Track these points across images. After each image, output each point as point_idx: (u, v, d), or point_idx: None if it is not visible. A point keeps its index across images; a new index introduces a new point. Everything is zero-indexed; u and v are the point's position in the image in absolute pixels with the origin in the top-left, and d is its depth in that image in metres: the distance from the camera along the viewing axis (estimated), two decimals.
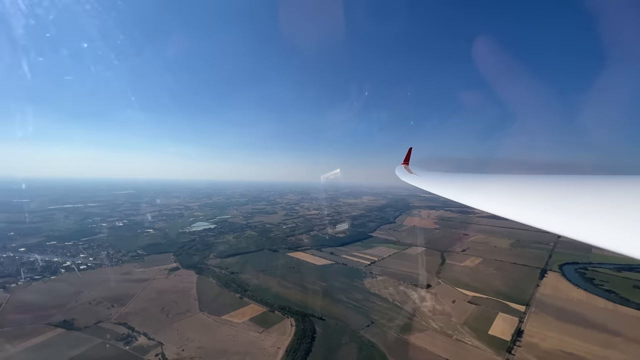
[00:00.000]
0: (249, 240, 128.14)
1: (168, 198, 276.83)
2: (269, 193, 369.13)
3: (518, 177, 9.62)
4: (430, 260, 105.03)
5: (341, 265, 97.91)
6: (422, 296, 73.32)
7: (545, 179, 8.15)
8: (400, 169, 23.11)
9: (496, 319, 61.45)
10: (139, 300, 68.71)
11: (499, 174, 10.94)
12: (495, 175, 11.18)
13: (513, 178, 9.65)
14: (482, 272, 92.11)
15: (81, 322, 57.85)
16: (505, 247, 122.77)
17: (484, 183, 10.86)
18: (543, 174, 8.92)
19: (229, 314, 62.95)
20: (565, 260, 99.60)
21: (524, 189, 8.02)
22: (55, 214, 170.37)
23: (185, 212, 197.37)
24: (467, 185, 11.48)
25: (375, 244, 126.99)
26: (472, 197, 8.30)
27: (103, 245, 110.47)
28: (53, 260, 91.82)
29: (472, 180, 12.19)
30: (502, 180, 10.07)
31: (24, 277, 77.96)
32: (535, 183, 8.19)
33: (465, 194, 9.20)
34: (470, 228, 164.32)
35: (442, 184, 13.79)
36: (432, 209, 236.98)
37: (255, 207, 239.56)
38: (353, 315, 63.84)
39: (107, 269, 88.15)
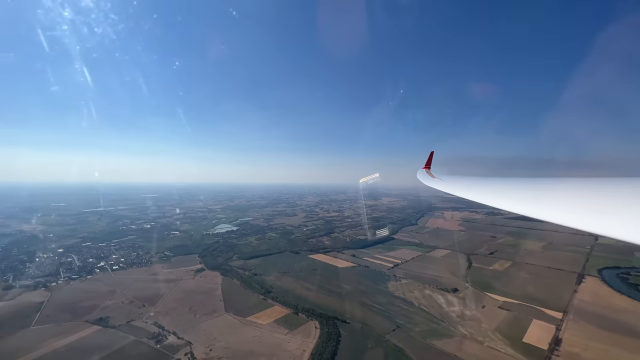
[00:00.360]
0: (271, 242, 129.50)
1: (192, 201, 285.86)
2: (288, 195, 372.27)
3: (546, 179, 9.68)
4: (456, 263, 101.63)
5: (363, 267, 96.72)
6: (449, 300, 70.92)
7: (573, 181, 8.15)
8: (422, 173, 23.10)
9: (531, 326, 58.29)
10: (167, 300, 71.00)
11: (525, 177, 10.97)
12: (521, 178, 11.20)
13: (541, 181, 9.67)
14: (512, 276, 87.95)
15: (115, 320, 60.48)
16: (536, 250, 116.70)
17: (511, 185, 10.74)
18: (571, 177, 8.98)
19: (254, 315, 63.66)
20: (605, 264, 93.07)
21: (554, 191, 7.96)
22: (89, 216, 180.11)
23: (208, 215, 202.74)
24: (494, 188, 11.29)
25: (397, 247, 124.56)
26: (500, 199, 8.14)
27: (133, 247, 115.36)
28: (88, 261, 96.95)
29: (497, 183, 12.03)
30: (528, 183, 9.97)
31: (62, 277, 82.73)
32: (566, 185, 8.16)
33: (492, 197, 9.04)
34: (497, 230, 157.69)
35: (467, 187, 13.73)
36: (456, 210, 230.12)
37: (275, 209, 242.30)
38: (378, 318, 62.73)
39: (137, 270, 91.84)
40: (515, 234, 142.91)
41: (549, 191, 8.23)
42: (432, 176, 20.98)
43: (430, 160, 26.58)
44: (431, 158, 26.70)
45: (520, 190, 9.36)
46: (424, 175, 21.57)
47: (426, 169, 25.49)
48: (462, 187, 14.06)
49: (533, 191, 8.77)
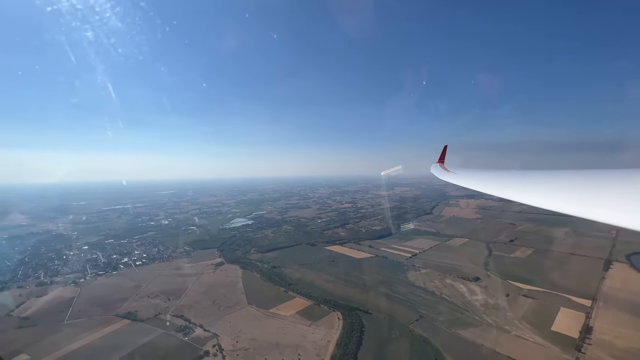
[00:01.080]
0: (287, 234, 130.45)
1: (206, 196, 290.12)
2: (300, 188, 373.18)
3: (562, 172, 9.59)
4: (475, 251, 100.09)
5: (381, 258, 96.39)
6: (472, 289, 69.98)
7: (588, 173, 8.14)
8: (436, 167, 22.99)
9: (559, 314, 56.97)
10: (191, 293, 72.64)
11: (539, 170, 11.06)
12: (536, 170, 11.25)
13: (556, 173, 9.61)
14: (535, 264, 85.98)
15: (143, 314, 62.35)
16: (559, 237, 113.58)
17: (525, 178, 10.77)
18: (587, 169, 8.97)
19: (277, 307, 64.47)
20: (633, 249, 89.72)
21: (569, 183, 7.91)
22: (109, 214, 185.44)
23: (223, 209, 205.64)
24: (507, 180, 11.32)
25: (414, 236, 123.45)
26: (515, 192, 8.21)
27: (154, 243, 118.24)
28: (112, 257, 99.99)
29: (511, 175, 12.05)
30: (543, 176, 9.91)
31: (90, 273, 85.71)
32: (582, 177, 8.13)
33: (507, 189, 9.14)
34: (515, 217, 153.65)
35: (482, 180, 13.71)
36: (471, 198, 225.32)
37: (288, 202, 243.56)
38: (400, 309, 62.55)
39: (159, 265, 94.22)
40: (535, 220, 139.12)
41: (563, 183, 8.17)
42: (447, 170, 20.86)
43: (444, 154, 26.32)
44: (445, 152, 26.41)
45: (535, 183, 9.26)
46: (438, 170, 21.45)
47: (440, 163, 25.32)
48: (476, 180, 14.07)
49: (548, 183, 8.68)
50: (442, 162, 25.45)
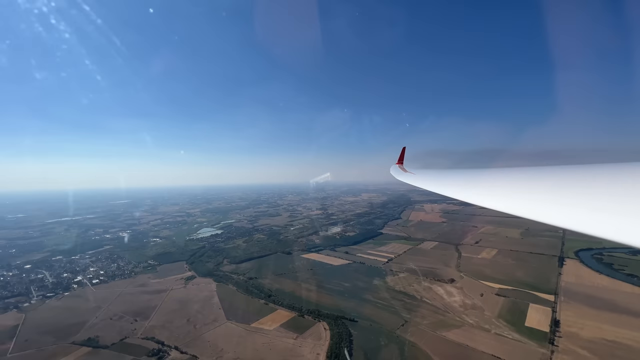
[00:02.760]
0: (260, 244, 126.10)
1: (167, 206, 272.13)
2: (267, 195, 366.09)
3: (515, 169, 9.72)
4: (446, 254, 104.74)
5: (359, 264, 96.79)
6: (449, 291, 72.66)
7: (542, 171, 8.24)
8: (395, 168, 23.31)
9: (529, 311, 61.08)
10: (161, 312, 66.45)
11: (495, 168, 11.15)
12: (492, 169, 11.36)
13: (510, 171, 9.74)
14: (500, 263, 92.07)
15: (106, 340, 55.46)
16: (516, 237, 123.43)
17: (482, 178, 10.79)
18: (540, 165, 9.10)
19: (258, 322, 61.21)
20: (579, 246, 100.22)
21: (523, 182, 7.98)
22: (54, 227, 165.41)
23: (187, 219, 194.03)
24: (465, 181, 11.42)
25: (387, 241, 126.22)
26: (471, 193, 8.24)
27: (111, 258, 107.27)
28: (63, 276, 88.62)
29: (468, 175, 12.18)
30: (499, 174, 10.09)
31: (35, 296, 74.90)
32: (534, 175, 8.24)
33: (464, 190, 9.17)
34: (476, 220, 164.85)
35: (439, 181, 13.75)
36: (434, 202, 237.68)
37: (257, 210, 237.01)
38: (384, 314, 62.77)
39: (121, 282, 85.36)
40: (494, 222, 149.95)
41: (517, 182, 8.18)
42: (405, 171, 21.21)
43: (402, 155, 26.93)
44: (403, 153, 27.09)
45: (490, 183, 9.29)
46: (397, 171, 21.70)
47: (399, 164, 25.80)
48: (432, 180, 14.34)
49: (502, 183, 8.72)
50: (401, 163, 25.90)
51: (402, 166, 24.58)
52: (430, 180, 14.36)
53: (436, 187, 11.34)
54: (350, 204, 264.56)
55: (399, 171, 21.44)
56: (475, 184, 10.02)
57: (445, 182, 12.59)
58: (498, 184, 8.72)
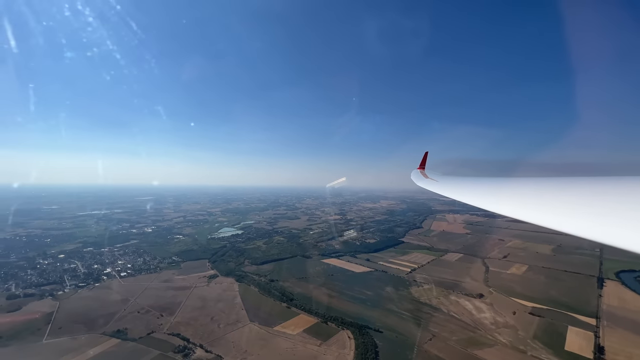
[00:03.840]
0: (280, 246, 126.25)
1: (189, 204, 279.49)
2: (286, 198, 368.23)
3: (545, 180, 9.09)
4: (472, 267, 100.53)
5: (381, 272, 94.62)
6: (478, 307, 69.32)
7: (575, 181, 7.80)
8: (416, 173, 22.53)
9: (568, 333, 57.01)
10: (186, 309, 67.40)
11: (523, 177, 10.50)
12: (520, 178, 10.69)
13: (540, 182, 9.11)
14: (532, 280, 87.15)
15: (134, 332, 56.73)
16: (547, 254, 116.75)
17: (510, 187, 10.26)
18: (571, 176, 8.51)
19: (281, 325, 60.70)
20: (620, 267, 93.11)
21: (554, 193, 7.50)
22: (85, 220, 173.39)
23: (209, 218, 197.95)
24: (491, 190, 10.75)
25: (409, 250, 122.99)
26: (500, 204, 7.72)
27: (138, 252, 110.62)
28: (93, 267, 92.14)
29: (495, 184, 11.55)
30: (528, 184, 9.43)
31: (69, 285, 78.10)
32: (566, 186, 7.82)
33: (491, 200, 8.60)
34: (503, 233, 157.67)
35: (462, 189, 13.11)
36: (457, 213, 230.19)
37: (276, 212, 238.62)
38: (410, 327, 60.58)
39: (147, 276, 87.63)
40: (522, 237, 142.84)
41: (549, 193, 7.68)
42: (427, 177, 20.41)
43: (424, 160, 26.05)
44: (426, 158, 26.16)
45: (518, 192, 8.80)
46: (418, 176, 20.95)
47: (420, 169, 24.94)
48: (456, 188, 13.58)
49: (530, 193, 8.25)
50: (422, 169, 24.98)
51: (424, 172, 23.54)
52: (454, 188, 13.59)
53: (461, 195, 10.71)
54: (369, 210, 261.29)
55: (420, 177, 20.66)
56: (504, 194, 9.46)
57: (471, 190, 11.90)
58: (529, 194, 8.17)
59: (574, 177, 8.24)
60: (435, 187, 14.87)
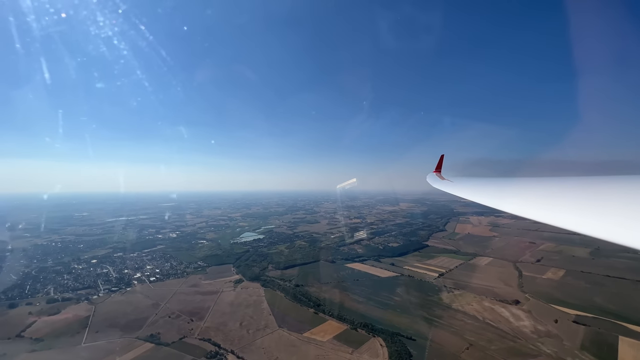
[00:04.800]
0: (302, 250, 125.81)
1: (210, 209, 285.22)
2: (304, 202, 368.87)
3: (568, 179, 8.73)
4: (504, 272, 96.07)
5: (407, 277, 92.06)
6: (515, 314, 65.79)
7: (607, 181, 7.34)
8: (432, 176, 22.40)
9: (620, 344, 52.89)
10: (214, 314, 67.87)
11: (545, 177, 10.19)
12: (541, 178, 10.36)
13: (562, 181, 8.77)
14: (572, 286, 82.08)
15: (167, 337, 57.52)
16: (584, 257, 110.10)
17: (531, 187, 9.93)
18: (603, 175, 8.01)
19: (310, 332, 59.84)
20: None
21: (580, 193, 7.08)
22: (113, 226, 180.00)
23: (230, 223, 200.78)
24: (511, 191, 10.47)
25: (434, 254, 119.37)
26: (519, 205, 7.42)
27: (165, 257, 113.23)
28: (124, 272, 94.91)
29: (515, 184, 11.18)
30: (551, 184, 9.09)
31: (102, 289, 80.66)
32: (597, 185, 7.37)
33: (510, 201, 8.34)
34: (532, 235, 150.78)
35: (481, 190, 12.67)
36: (480, 215, 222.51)
37: (295, 216, 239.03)
38: (444, 335, 58.16)
39: (175, 281, 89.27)
40: (555, 239, 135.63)
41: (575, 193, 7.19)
42: (443, 179, 20.20)
43: (440, 163, 25.96)
44: (442, 161, 26.09)
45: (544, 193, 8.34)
46: (434, 179, 20.77)
47: (437, 172, 24.94)
48: (475, 190, 13.22)
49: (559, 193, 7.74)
50: (439, 172, 24.93)
51: (440, 174, 23.53)
52: (473, 190, 13.20)
53: (480, 197, 10.48)
54: (388, 213, 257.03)
55: (436, 179, 20.40)
56: (526, 195, 9.10)
57: (490, 192, 11.57)
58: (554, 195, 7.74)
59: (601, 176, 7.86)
60: (453, 190, 14.61)
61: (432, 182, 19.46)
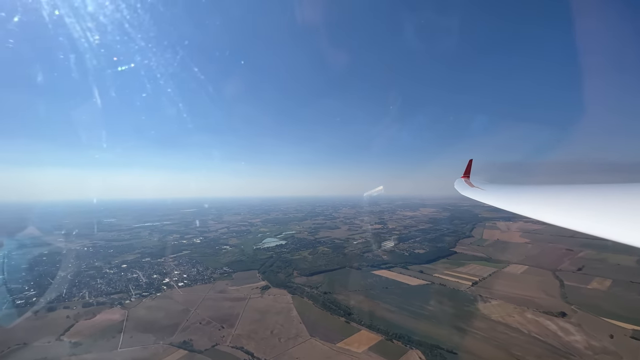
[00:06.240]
0: (325, 257, 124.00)
1: (230, 215, 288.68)
2: (322, 207, 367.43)
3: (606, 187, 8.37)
4: (543, 281, 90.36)
5: (439, 286, 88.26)
6: (564, 327, 61.06)
7: None
8: (460, 182, 21.45)
9: None
10: (244, 321, 67.10)
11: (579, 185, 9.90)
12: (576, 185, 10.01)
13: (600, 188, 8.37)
14: (623, 298, 75.75)
15: (199, 344, 57.14)
16: (631, 265, 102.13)
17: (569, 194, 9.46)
18: None
19: (344, 342, 57.80)
20: None
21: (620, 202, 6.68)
22: (140, 231, 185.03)
23: (251, 229, 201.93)
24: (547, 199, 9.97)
25: (464, 261, 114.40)
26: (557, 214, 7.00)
27: (191, 262, 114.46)
28: (153, 277, 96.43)
29: (551, 191, 10.71)
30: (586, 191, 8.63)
31: (133, 294, 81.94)
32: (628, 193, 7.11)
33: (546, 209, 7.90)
34: (568, 242, 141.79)
35: (514, 198, 12.11)
36: (508, 220, 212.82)
37: (314, 222, 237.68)
38: (488, 349, 54.57)
39: (203, 287, 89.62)
40: (595, 246, 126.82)
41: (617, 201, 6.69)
42: (472, 185, 19.32)
43: (469, 168, 24.84)
44: (470, 166, 24.94)
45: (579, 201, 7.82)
46: (462, 185, 19.79)
47: (465, 177, 23.82)
48: (507, 197, 12.65)
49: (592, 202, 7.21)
50: (467, 177, 23.84)
51: (469, 180, 22.39)
52: (505, 198, 12.54)
53: (513, 205, 9.98)
54: (410, 218, 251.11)
55: (464, 186, 19.55)
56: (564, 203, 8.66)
57: (523, 199, 11.11)
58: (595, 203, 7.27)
59: None
60: (483, 197, 13.92)
61: (460, 189, 18.53)
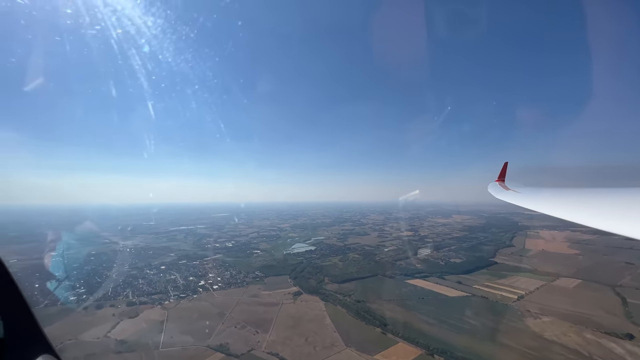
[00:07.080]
0: (356, 264, 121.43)
1: (259, 220, 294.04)
2: (349, 213, 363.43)
3: None
4: (601, 297, 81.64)
5: (480, 298, 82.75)
6: (632, 352, 54.26)
7: None
8: (495, 186, 20.67)
9: None
10: (278, 326, 66.80)
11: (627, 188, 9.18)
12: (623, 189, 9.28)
13: None
14: None
15: (236, 348, 57.48)
16: None
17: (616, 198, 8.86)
18: None
19: (381, 354, 55.48)
20: None
21: None
22: (176, 234, 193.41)
23: (280, 234, 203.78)
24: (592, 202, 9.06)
25: (506, 273, 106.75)
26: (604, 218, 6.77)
27: (224, 266, 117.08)
28: (189, 279, 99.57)
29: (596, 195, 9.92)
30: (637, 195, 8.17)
31: (172, 295, 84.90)
32: None
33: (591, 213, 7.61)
34: (628, 254, 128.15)
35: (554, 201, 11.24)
36: (552, 229, 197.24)
37: (343, 228, 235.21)
38: None
39: (236, 290, 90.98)
40: None
41: None
42: (507, 189, 18.49)
43: (504, 171, 23.80)
44: (505, 169, 23.87)
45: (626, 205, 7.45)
46: (496, 189, 19.08)
47: (499, 181, 22.75)
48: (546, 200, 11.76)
49: None
50: (502, 181, 22.77)
51: (504, 184, 21.38)
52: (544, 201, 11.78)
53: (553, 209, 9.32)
54: (442, 226, 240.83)
55: (499, 189, 18.79)
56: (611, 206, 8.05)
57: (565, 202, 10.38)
58: None
59: None
60: (519, 200, 13.32)
61: (494, 193, 17.79)
